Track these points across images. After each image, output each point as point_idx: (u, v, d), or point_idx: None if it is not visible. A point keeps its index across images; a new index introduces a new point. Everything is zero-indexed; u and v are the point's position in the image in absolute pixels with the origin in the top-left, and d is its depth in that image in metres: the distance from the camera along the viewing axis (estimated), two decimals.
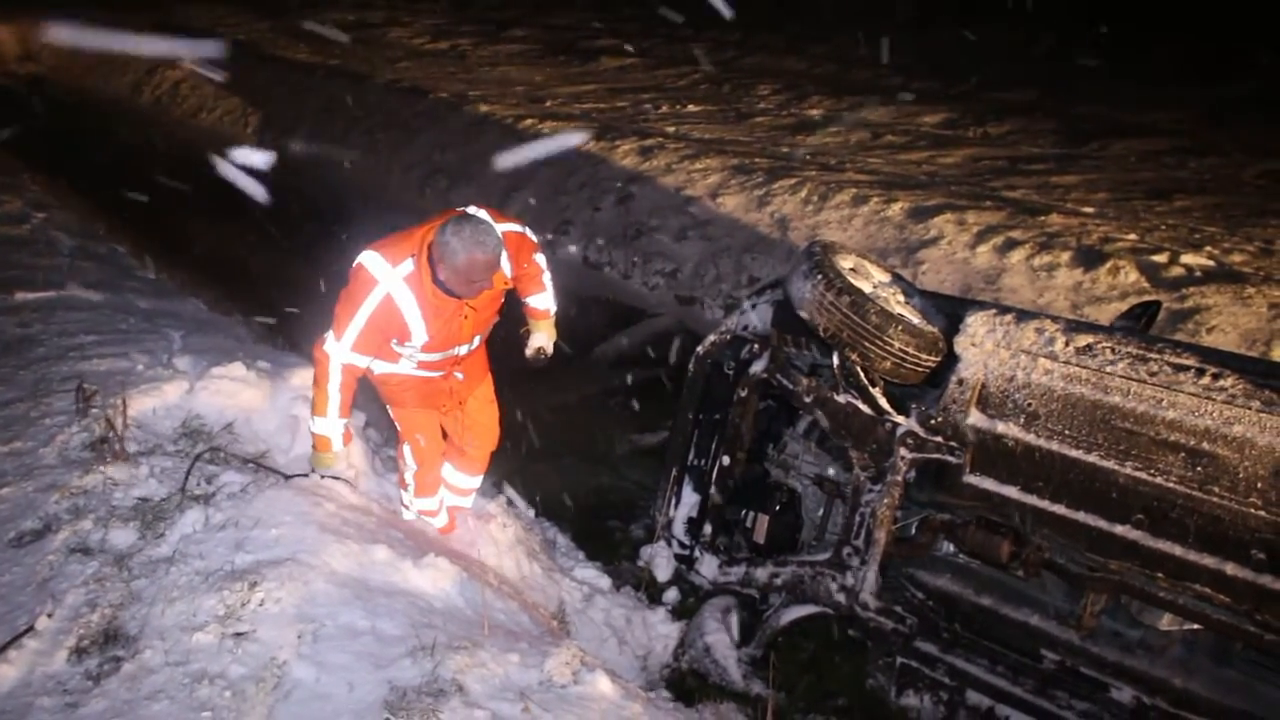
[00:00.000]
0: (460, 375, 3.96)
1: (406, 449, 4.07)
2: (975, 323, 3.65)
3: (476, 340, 3.86)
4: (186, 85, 15.12)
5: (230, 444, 4.38)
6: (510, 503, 4.88)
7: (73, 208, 9.97)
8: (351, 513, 3.82)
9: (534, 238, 3.86)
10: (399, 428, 4.07)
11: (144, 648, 3.08)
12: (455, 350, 3.77)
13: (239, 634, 3.08)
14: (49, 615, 3.28)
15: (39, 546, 3.63)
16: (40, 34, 18.17)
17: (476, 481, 4.42)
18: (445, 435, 4.19)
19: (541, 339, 4.13)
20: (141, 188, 9.85)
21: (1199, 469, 3.15)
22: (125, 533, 3.63)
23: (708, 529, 4.56)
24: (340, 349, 3.53)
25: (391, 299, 3.45)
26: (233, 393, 4.62)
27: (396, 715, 2.83)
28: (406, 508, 4.26)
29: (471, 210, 3.48)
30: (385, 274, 3.43)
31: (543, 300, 4.07)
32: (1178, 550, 3.22)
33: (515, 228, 3.71)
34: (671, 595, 4.69)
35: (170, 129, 13.99)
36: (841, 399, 3.96)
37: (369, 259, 3.46)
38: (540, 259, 3.94)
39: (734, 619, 4.38)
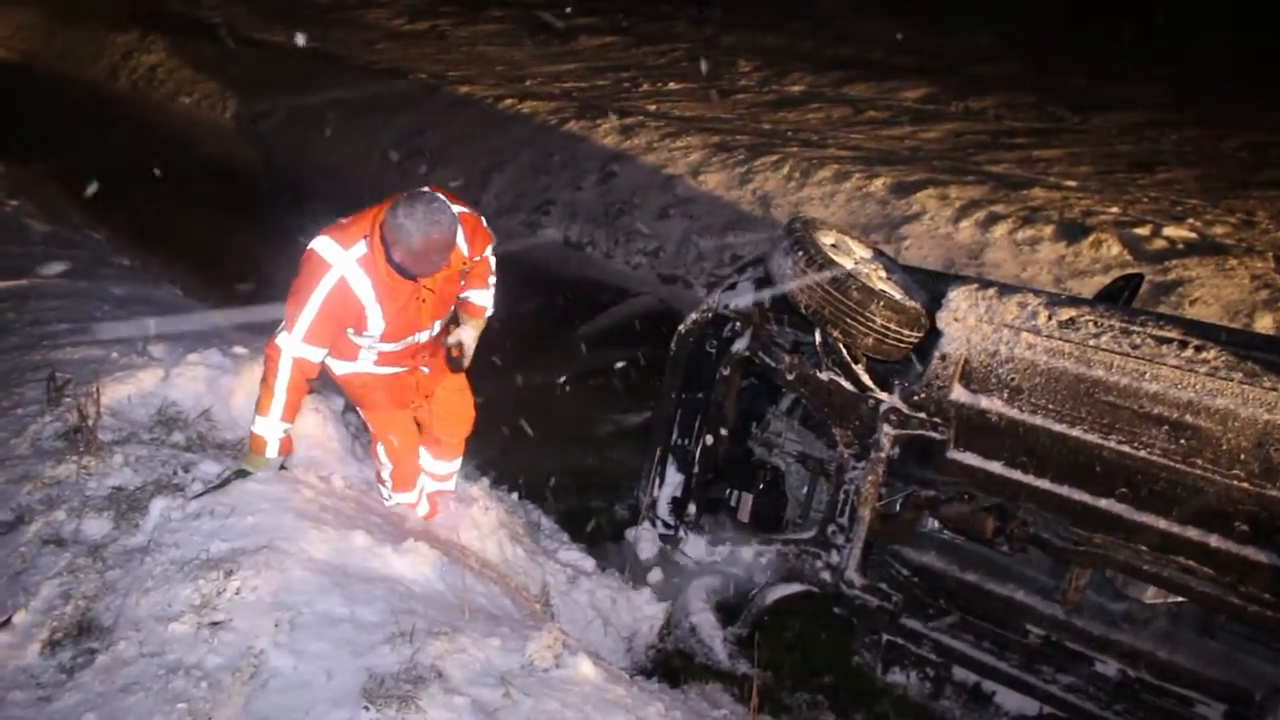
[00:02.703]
0: (426, 369, 3.88)
1: (381, 449, 3.99)
2: (958, 298, 3.62)
3: (437, 326, 3.74)
4: (163, 69, 14.94)
5: (208, 431, 4.33)
6: (493, 486, 4.84)
7: (46, 195, 9.85)
8: (329, 498, 3.77)
9: (490, 231, 3.75)
10: (371, 429, 3.99)
11: (118, 639, 3.03)
12: (415, 337, 3.65)
13: (215, 623, 3.02)
14: (25, 609, 3.23)
15: (11, 538, 3.57)
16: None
17: (455, 465, 4.36)
18: (420, 426, 4.13)
19: (467, 334, 3.96)
20: (117, 174, 9.73)
21: (1182, 442, 3.13)
22: (99, 523, 3.56)
23: (692, 508, 4.54)
24: (292, 341, 3.40)
25: (346, 282, 3.34)
26: (209, 379, 4.55)
27: (375, 703, 2.79)
28: (386, 500, 4.22)
29: (423, 190, 3.37)
30: (337, 257, 3.33)
31: (483, 297, 3.93)
32: (1162, 523, 3.20)
33: (469, 211, 3.60)
34: (656, 576, 4.67)
35: (147, 114, 13.82)
36: (824, 376, 3.93)
37: (320, 244, 3.36)
38: (492, 258, 3.84)
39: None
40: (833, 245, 3.91)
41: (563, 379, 6.61)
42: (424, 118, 11.26)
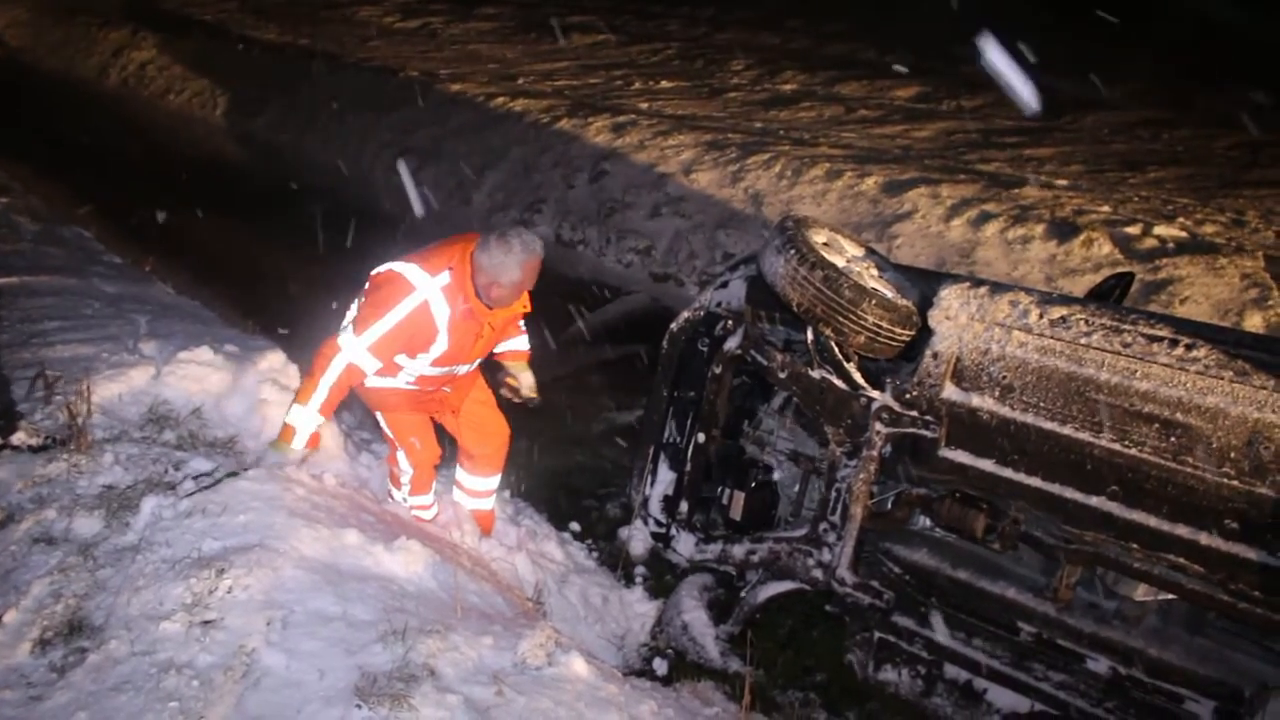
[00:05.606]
0: (448, 389, 3.98)
1: (401, 455, 4.05)
2: (949, 296, 3.63)
3: (477, 363, 3.93)
4: (154, 67, 14.87)
5: (199, 429, 4.32)
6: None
7: (37, 192, 9.80)
8: (322, 496, 3.76)
9: None
10: (391, 434, 4.05)
11: (109, 638, 3.02)
12: (455, 369, 3.81)
13: (207, 622, 3.02)
14: (15, 608, 3.21)
15: (1, 537, 3.55)
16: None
17: (491, 483, 4.40)
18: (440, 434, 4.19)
19: (527, 379, 4.26)
20: (107, 171, 9.69)
21: (1173, 440, 3.14)
22: (90, 521, 3.56)
23: (684, 506, 4.54)
24: (356, 346, 3.53)
25: (427, 306, 3.50)
26: (200, 377, 4.55)
27: (367, 701, 2.79)
28: (400, 501, 4.23)
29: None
30: (423, 282, 3.49)
31: (523, 342, 4.20)
32: (1152, 521, 3.21)
33: None
34: (647, 573, 4.67)
35: (137, 111, 13.77)
36: (816, 374, 3.93)
37: (405, 268, 3.51)
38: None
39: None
40: (825, 244, 3.92)
41: (554, 377, 6.60)
42: (416, 115, 11.23)
